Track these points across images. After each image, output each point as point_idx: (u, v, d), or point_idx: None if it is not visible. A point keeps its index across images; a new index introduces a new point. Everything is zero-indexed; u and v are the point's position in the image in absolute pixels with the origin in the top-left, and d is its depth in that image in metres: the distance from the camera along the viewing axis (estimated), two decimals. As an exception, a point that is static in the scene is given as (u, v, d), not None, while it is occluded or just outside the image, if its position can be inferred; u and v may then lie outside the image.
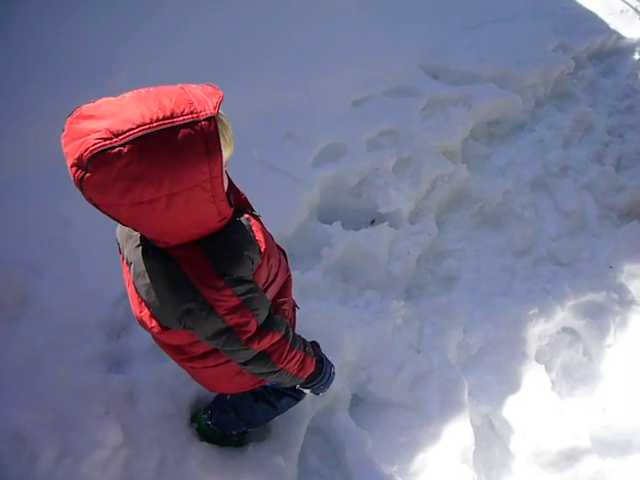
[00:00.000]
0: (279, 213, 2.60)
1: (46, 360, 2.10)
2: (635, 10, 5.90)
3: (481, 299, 2.86)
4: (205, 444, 2.08)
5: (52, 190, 2.56)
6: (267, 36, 3.64)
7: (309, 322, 2.27)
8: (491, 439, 2.47)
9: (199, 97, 1.07)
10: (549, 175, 3.62)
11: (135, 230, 1.22)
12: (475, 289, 2.92)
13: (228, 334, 1.31)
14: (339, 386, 2.32)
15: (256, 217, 1.49)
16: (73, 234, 2.52)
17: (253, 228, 1.39)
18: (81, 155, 0.98)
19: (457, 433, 2.25)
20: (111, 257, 2.26)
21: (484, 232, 3.20)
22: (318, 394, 1.81)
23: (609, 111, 4.45)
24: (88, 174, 0.98)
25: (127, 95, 1.07)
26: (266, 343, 1.40)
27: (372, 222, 3.02)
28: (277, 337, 1.43)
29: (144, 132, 0.99)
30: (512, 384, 2.54)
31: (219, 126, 1.07)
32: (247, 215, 1.41)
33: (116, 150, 0.97)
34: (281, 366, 1.48)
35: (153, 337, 1.52)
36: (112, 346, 2.28)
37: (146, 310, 1.37)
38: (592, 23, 5.39)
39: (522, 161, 3.65)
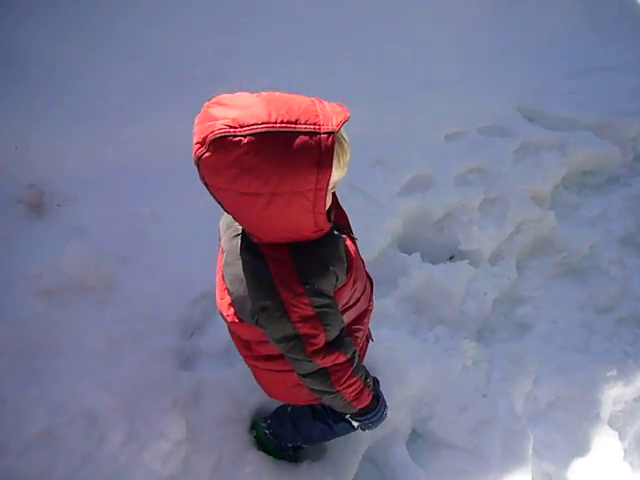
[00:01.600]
0: (361, 237, 2.58)
1: (124, 347, 2.19)
2: None
3: (555, 352, 2.75)
4: (262, 453, 2.10)
5: (147, 189, 2.72)
6: (371, 63, 3.70)
7: (378, 349, 2.26)
8: (551, 500, 2.36)
9: (326, 112, 1.12)
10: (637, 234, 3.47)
11: (235, 220, 1.28)
12: (550, 341, 2.82)
13: (295, 341, 1.33)
14: (399, 419, 2.30)
15: (352, 239, 1.51)
16: (162, 231, 2.63)
17: (347, 249, 1.41)
18: (206, 136, 1.07)
19: (515, 485, 2.18)
20: (195, 256, 2.38)
21: (565, 283, 3.10)
22: (365, 429, 1.78)
23: None
24: (207, 154, 1.07)
25: (263, 94, 1.14)
26: (330, 361, 1.40)
27: (451, 258, 2.98)
28: (342, 359, 1.42)
29: (266, 129, 1.06)
30: (580, 446, 2.43)
31: (336, 146, 1.12)
32: (344, 235, 1.44)
33: (237, 139, 1.05)
34: (338, 388, 1.47)
35: (228, 327, 1.57)
36: (185, 343, 2.35)
37: (227, 297, 1.43)
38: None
39: (613, 215, 3.51)
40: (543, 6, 5.10)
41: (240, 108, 1.08)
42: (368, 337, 1.85)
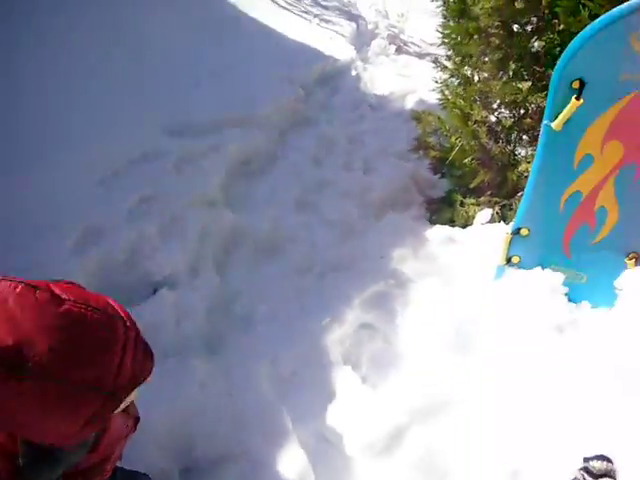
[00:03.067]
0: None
1: None
2: (342, 35, 6.69)
3: (280, 326, 2.93)
4: None
5: None
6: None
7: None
8: (329, 451, 2.52)
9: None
10: (309, 193, 3.89)
11: None
12: (273, 319, 2.99)
13: None
14: (164, 465, 2.22)
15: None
16: None
17: None
18: None
19: (290, 463, 2.28)
20: None
21: (265, 264, 3.32)
22: None
23: (345, 124, 4.95)
24: None
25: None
26: None
27: (154, 291, 2.95)
28: None
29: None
30: (330, 393, 2.64)
31: None
32: None
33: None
34: None
35: None
36: None
37: None
38: (310, 54, 5.98)
39: (282, 188, 3.88)
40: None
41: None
42: None
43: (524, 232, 2.95)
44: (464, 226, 3.58)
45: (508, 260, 3.04)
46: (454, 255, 3.27)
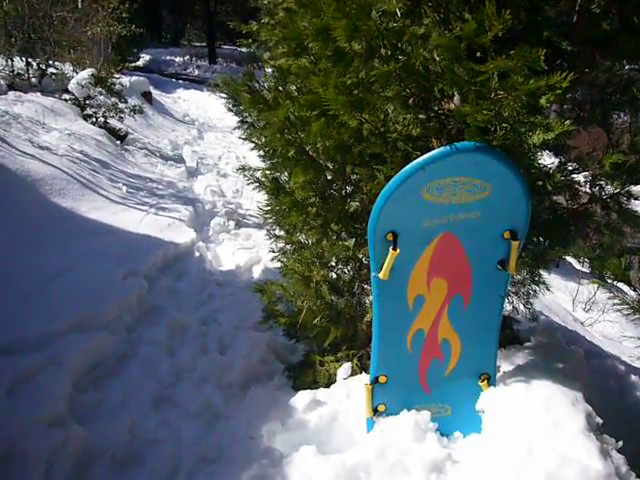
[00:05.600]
0: None
1: None
2: (180, 220, 6.89)
3: None
4: None
5: None
6: None
7: None
8: None
9: None
10: (166, 387, 3.69)
11: None
12: None
13: None
14: None
15: None
16: None
17: None
18: None
19: None
20: None
21: (130, 477, 2.98)
22: None
23: (195, 306, 4.92)
24: None
25: None
26: None
27: None
28: None
29: None
30: None
31: None
32: None
33: None
34: None
35: None
36: None
37: None
38: (149, 243, 6.02)
39: (136, 388, 3.64)
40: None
41: None
42: None
43: (382, 380, 3.02)
44: (328, 385, 3.57)
45: (375, 410, 3.05)
46: (322, 417, 3.21)
